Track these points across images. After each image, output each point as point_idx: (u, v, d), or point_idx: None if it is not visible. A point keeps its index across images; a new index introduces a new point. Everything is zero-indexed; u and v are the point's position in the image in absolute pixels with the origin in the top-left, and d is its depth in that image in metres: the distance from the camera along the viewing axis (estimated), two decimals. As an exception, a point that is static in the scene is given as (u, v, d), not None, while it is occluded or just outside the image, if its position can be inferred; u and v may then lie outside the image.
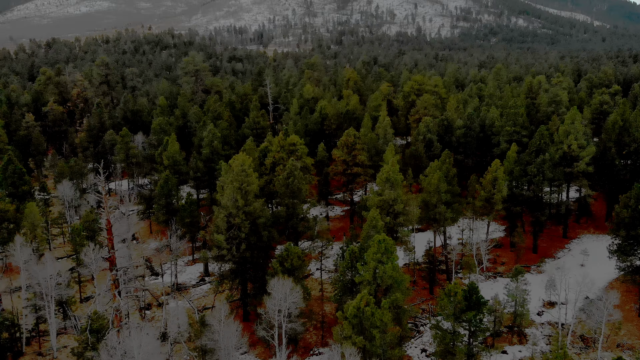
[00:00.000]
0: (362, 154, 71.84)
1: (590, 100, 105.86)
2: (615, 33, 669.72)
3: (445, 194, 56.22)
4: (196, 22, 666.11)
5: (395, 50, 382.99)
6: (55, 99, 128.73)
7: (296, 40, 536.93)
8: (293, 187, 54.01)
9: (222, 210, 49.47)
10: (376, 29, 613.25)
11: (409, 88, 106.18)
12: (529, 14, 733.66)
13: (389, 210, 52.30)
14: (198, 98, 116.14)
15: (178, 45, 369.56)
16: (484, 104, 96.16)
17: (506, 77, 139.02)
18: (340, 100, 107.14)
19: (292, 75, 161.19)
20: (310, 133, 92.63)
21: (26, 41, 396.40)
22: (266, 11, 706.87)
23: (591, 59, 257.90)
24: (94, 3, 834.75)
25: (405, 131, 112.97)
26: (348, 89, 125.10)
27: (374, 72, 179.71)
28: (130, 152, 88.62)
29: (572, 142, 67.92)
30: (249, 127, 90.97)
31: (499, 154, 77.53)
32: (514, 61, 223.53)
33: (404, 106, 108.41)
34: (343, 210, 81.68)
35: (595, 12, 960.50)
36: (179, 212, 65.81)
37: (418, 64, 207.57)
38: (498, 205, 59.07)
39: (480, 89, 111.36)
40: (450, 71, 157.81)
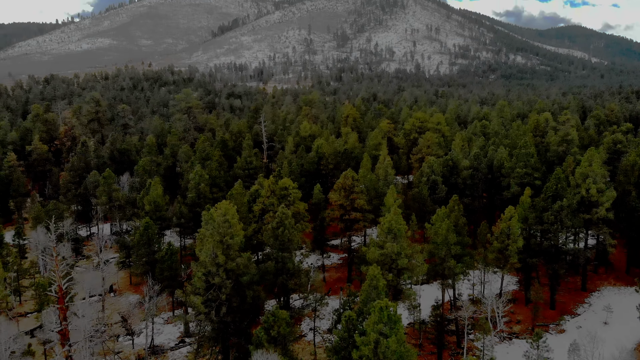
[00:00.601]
0: (361, 197, 65.89)
1: (601, 139, 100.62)
2: (614, 69, 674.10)
3: (455, 246, 50.04)
4: (197, 59, 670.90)
5: (394, 86, 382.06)
6: (42, 136, 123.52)
7: (296, 77, 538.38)
8: (283, 238, 47.85)
9: (200, 267, 43.17)
10: (375, 66, 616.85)
11: (410, 125, 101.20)
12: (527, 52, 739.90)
13: (391, 265, 46.03)
14: (190, 136, 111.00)
15: (177, 81, 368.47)
16: (490, 143, 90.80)
17: (510, 114, 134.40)
18: (339, 138, 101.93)
19: (290, 112, 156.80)
20: (306, 173, 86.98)
21: (25, 77, 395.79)
22: (267, 49, 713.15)
23: (593, 95, 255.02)
24: (95, 40, 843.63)
25: (407, 170, 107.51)
26: (347, 126, 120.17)
27: (373, 109, 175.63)
28: (113, 194, 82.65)
29: (590, 186, 62.03)
30: (240, 168, 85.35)
31: (509, 198, 71.63)
32: (516, 97, 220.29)
33: (405, 144, 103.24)
34: (340, 258, 75.18)
35: (592, 49, 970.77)
36: (158, 263, 59.43)
37: (418, 100, 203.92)
38: (513, 258, 52.78)
39: (484, 127, 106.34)
40: (451, 108, 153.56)
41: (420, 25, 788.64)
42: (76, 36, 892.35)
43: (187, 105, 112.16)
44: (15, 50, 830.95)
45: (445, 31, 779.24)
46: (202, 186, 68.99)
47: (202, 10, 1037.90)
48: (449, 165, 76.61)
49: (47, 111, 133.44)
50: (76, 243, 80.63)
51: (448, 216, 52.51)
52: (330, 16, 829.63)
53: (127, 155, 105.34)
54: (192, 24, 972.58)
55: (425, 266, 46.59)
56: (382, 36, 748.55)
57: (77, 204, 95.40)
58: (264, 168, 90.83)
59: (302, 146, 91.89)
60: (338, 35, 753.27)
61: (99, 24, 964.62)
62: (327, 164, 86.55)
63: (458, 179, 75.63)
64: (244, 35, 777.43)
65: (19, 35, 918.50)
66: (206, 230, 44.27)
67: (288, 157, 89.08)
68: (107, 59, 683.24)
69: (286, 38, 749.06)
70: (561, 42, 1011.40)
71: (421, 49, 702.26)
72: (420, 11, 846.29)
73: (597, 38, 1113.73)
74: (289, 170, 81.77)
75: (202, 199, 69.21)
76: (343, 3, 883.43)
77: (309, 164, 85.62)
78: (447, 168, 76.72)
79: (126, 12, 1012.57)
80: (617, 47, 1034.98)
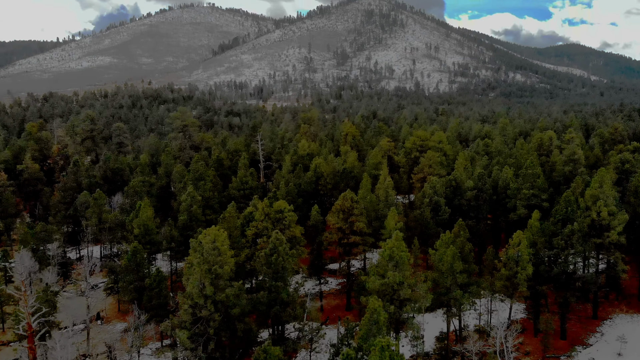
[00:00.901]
0: (360, 220, 62.80)
1: (607, 158, 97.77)
2: (613, 87, 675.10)
3: (461, 274, 46.88)
4: (197, 77, 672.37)
5: (394, 104, 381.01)
6: (35, 155, 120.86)
7: (296, 95, 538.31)
8: (277, 266, 44.70)
9: (187, 299, 39.99)
10: (375, 84, 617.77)
11: (411, 144, 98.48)
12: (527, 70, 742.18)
13: (392, 296, 42.82)
14: (185, 155, 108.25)
15: (177, 99, 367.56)
16: (494, 162, 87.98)
17: (512, 132, 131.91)
18: (338, 157, 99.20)
19: (289, 130, 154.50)
20: (303, 193, 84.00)
21: (24, 95, 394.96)
22: (267, 67, 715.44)
23: (595, 113, 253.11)
24: (95, 58, 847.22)
25: (407, 189, 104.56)
26: (346, 145, 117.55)
27: (373, 126, 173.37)
28: (103, 216, 79.59)
29: (601, 209, 58.96)
30: (236, 188, 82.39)
31: (516, 220, 68.56)
32: (517, 115, 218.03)
33: (406, 163, 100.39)
34: (339, 283, 71.87)
35: (591, 67, 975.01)
36: (146, 291, 56.16)
37: (418, 118, 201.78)
38: (522, 286, 49.55)
39: (487, 145, 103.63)
40: (452, 126, 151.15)
41: (419, 43, 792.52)
42: (77, 54, 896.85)
43: (183, 124, 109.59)
44: (15, 68, 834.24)
45: (444, 49, 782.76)
46: (195, 208, 65.98)
47: (203, 29, 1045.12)
48: (452, 186, 73.65)
49: (41, 129, 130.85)
50: (63, 267, 77.31)
51: (453, 242, 49.41)
52: (330, 35, 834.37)
53: (120, 175, 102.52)
54: (193, 42, 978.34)
55: (429, 297, 43.39)
56: (381, 54, 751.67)
57: (67, 225, 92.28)
58: (260, 188, 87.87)
59: (300, 165, 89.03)
60: (338, 53, 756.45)
61: (99, 42, 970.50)
62: (326, 184, 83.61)
63: (462, 200, 72.61)
64: (244, 54, 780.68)
65: (20, 53, 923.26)
66: (194, 259, 41.16)
67: (285, 177, 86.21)
68: (107, 77, 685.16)
69: (286, 56, 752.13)
70: (560, 60, 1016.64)
71: (421, 67, 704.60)
72: (420, 30, 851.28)
73: (595, 56, 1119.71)
74: (286, 190, 78.87)
75: (194, 222, 66.16)
76: (343, 22, 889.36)
77: (306, 183, 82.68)
78: (450, 189, 73.75)
79: (127, 31, 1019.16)
80: (615, 65, 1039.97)
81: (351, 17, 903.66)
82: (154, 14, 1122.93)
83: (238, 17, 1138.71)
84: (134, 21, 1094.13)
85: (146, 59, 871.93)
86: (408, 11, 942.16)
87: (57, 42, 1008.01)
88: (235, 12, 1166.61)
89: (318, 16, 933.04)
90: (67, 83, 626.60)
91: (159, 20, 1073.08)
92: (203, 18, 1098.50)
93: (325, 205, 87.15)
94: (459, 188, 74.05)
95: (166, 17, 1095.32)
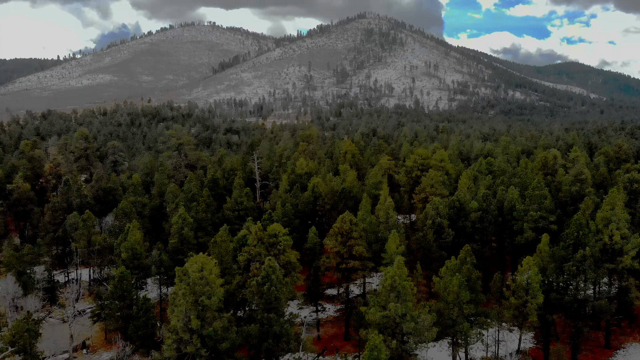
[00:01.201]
0: (359, 243, 59.67)
1: (614, 178, 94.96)
2: (613, 105, 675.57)
3: (468, 305, 43.67)
4: (197, 95, 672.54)
5: (394, 121, 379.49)
6: (27, 174, 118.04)
7: (296, 113, 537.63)
8: (269, 297, 41.51)
9: (171, 333, 36.77)
10: (375, 101, 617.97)
11: (412, 163, 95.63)
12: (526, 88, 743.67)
13: (394, 329, 39.58)
14: (180, 174, 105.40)
15: (176, 117, 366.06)
16: (498, 182, 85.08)
17: (515, 151, 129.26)
18: (336, 176, 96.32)
19: (287, 148, 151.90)
20: (300, 214, 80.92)
21: (23, 113, 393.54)
22: (267, 85, 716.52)
23: (597, 130, 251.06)
24: (95, 76, 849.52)
25: (409, 209, 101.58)
26: (345, 163, 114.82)
27: (372, 144, 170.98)
28: (92, 238, 76.45)
29: (613, 233, 55.97)
30: (230, 209, 79.37)
31: (523, 243, 65.46)
32: (518, 133, 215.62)
33: (407, 182, 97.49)
34: (337, 310, 68.46)
35: (590, 85, 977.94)
36: (132, 320, 52.83)
37: (418, 136, 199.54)
38: (533, 316, 46.30)
39: (490, 164, 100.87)
40: (453, 144, 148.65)
41: (419, 62, 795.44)
42: (77, 72, 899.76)
43: (178, 142, 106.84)
44: (15, 85, 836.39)
45: (443, 68, 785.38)
46: (186, 231, 62.93)
47: (204, 47, 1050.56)
48: (456, 207, 70.60)
49: (34, 148, 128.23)
50: (48, 292, 73.96)
51: (459, 269, 46.22)
52: (330, 53, 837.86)
53: (112, 195, 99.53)
54: (193, 60, 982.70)
55: (434, 330, 40.11)
56: (381, 72, 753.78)
57: (57, 247, 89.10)
58: (256, 209, 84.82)
59: (297, 185, 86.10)
60: (338, 71, 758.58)
61: (100, 60, 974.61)
62: (324, 204, 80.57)
63: (466, 222, 69.52)
64: (244, 72, 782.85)
65: (20, 71, 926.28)
66: (179, 289, 38.02)
67: (282, 197, 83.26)
68: (107, 95, 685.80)
69: (286, 74, 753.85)
70: (559, 79, 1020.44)
71: (420, 85, 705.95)
72: (419, 48, 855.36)
73: (594, 74, 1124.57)
74: (282, 211, 75.85)
75: (186, 245, 63.05)
76: (343, 41, 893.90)
77: (303, 204, 79.66)
78: (453, 210, 70.70)
79: (127, 49, 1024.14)
80: (615, 83, 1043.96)
81: (351, 35, 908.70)
82: (154, 33, 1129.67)
83: (239, 35, 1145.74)
84: (135, 39, 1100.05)
85: (146, 77, 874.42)
86: (407, 30, 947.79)
87: (57, 60, 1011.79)
88: (236, 31, 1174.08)
89: (318, 35, 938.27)
90: (66, 101, 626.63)
91: (160, 38, 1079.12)
92: (204, 37, 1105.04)
93: (323, 226, 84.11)
94: (463, 209, 71.02)
95: (167, 35, 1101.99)
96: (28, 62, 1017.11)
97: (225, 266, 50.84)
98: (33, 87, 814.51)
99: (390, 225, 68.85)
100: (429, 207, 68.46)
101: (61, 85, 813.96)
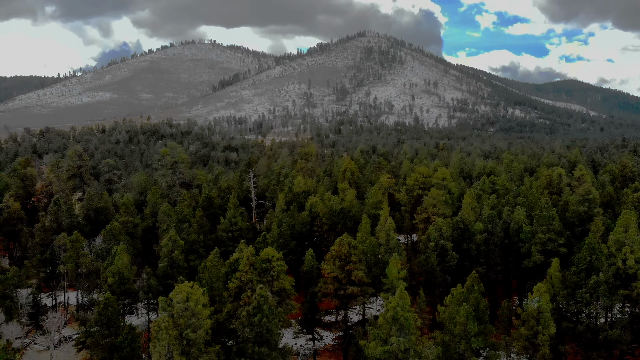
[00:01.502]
0: (359, 268, 56.49)
1: (621, 197, 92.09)
2: (613, 123, 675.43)
3: (476, 337, 40.44)
4: (196, 112, 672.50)
5: (394, 139, 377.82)
6: (19, 193, 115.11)
7: (295, 130, 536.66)
8: (261, 329, 38.31)
9: (152, 371, 33.54)
10: (374, 119, 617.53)
11: (413, 181, 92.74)
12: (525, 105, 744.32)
13: (396, 365, 36.28)
14: (174, 193, 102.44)
15: (175, 134, 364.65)
16: (502, 202, 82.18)
17: (518, 169, 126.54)
18: (335, 195, 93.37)
19: (285, 166, 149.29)
20: (297, 235, 77.79)
21: (21, 130, 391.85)
22: (267, 102, 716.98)
23: (599, 148, 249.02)
24: (95, 94, 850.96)
25: (410, 229, 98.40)
26: (344, 181, 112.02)
27: (372, 161, 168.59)
28: (80, 260, 73.19)
29: (627, 257, 52.87)
30: (224, 230, 76.31)
31: (531, 267, 62.30)
32: (519, 151, 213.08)
33: (408, 201, 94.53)
34: (335, 337, 64.90)
35: (589, 103, 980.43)
36: (116, 350, 49.44)
37: (419, 153, 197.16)
38: (545, 348, 42.99)
39: (493, 183, 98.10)
40: (455, 162, 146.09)
41: (418, 79, 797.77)
42: (77, 90, 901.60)
43: (173, 160, 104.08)
44: (15, 103, 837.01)
45: (443, 85, 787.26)
46: (176, 254, 59.80)
47: (204, 65, 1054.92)
48: (460, 228, 67.60)
49: (27, 165, 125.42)
50: (32, 318, 70.51)
51: (466, 298, 43.06)
52: (330, 71, 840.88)
53: (104, 215, 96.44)
54: (194, 78, 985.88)
55: (440, 367, 36.86)
56: (381, 90, 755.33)
57: (44, 269, 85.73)
58: (251, 229, 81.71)
59: (294, 204, 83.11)
60: (337, 89, 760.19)
61: (100, 77, 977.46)
62: (322, 225, 77.44)
63: (471, 245, 66.41)
64: (244, 89, 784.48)
65: (20, 89, 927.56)
66: (161, 321, 34.86)
67: (279, 216, 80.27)
68: (107, 113, 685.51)
69: (286, 92, 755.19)
70: (558, 96, 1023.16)
71: (420, 102, 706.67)
72: (419, 66, 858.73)
73: (593, 92, 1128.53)
74: (278, 232, 72.80)
75: (176, 269, 59.89)
76: (343, 59, 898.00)
77: (300, 224, 76.58)
78: (457, 231, 67.67)
79: (128, 67, 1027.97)
80: (614, 101, 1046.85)
81: (351, 54, 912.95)
82: (155, 51, 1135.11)
83: (239, 54, 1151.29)
84: (135, 57, 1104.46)
85: (146, 94, 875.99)
86: (407, 48, 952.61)
87: (57, 77, 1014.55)
88: (236, 49, 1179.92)
89: (318, 53, 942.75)
90: (66, 118, 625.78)
91: (160, 56, 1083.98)
92: (204, 55, 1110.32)
93: (321, 247, 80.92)
94: (467, 230, 67.99)
95: (167, 53, 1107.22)
96: (28, 79, 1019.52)
97: (215, 293, 47.66)
98: (33, 104, 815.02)
99: (391, 247, 65.68)
100: (432, 228, 65.41)
101: (61, 102, 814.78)
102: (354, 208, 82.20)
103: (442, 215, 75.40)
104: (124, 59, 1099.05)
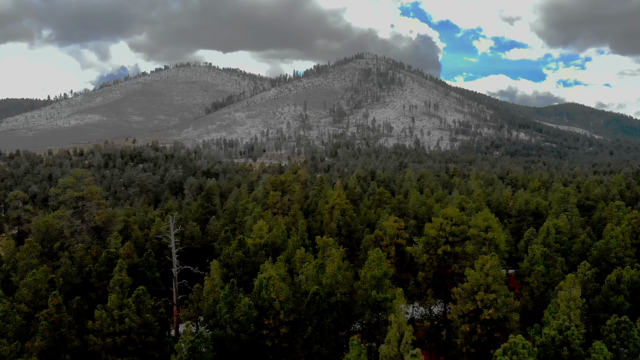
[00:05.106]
0: None
1: None
2: (621, 146, 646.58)
3: None
4: (186, 135, 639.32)
5: (394, 162, 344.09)
6: None
7: (289, 153, 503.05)
8: None
9: None
10: (373, 141, 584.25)
11: (437, 232, 57.90)
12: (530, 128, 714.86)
13: None
14: (77, 244, 67.46)
15: (157, 158, 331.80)
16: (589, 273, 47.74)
17: (573, 205, 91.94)
18: (313, 255, 58.72)
19: (256, 199, 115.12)
20: (232, 343, 42.54)
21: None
22: (260, 124, 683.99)
23: (632, 173, 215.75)
24: (84, 116, 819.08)
25: (431, 304, 63.20)
26: (331, 223, 77.89)
27: (371, 190, 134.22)
28: None
29: None
30: (100, 334, 41.24)
31: None
32: (537, 176, 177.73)
33: (429, 263, 59.56)
34: None
35: (592, 126, 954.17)
36: None
37: (425, 179, 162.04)
38: None
39: (559, 231, 63.58)
40: (477, 193, 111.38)
41: (418, 101, 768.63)
42: (66, 112, 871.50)
43: (77, 195, 69.68)
44: (2, 125, 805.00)
45: (444, 107, 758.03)
46: None
47: (198, 87, 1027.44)
48: (555, 345, 32.86)
49: None
50: None
51: None
52: (326, 93, 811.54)
53: None
54: (187, 100, 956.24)
55: None
56: (379, 112, 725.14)
57: None
58: (160, 331, 46.47)
59: (233, 279, 48.00)
60: (334, 111, 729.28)
61: (91, 100, 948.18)
62: (277, 324, 41.98)
63: None
64: (237, 111, 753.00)
65: (9, 111, 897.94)
66: None
67: (208, 300, 45.34)
68: (94, 135, 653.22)
69: (281, 114, 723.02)
70: (560, 120, 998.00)
71: (420, 124, 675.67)
72: (418, 88, 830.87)
73: (595, 115, 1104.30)
74: (199, 341, 37.82)
75: None
76: (340, 80, 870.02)
77: (238, 323, 41.13)
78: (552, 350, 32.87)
79: (120, 89, 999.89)
80: (617, 124, 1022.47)
81: (348, 75, 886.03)
82: (149, 73, 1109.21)
83: (235, 76, 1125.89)
84: (128, 79, 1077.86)
85: (137, 117, 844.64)
86: (406, 70, 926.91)
87: (47, 100, 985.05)
88: (232, 72, 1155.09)
89: (315, 75, 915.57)
90: (49, 141, 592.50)
91: (154, 79, 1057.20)
92: (199, 77, 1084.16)
93: None
94: (568, 344, 33.17)
95: (161, 75, 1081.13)
96: (19, 102, 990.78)
97: None
98: (19, 127, 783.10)
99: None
100: (499, 353, 30.46)
101: (48, 125, 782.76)
102: (343, 287, 46.52)
103: (501, 306, 40.43)
104: (117, 81, 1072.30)
